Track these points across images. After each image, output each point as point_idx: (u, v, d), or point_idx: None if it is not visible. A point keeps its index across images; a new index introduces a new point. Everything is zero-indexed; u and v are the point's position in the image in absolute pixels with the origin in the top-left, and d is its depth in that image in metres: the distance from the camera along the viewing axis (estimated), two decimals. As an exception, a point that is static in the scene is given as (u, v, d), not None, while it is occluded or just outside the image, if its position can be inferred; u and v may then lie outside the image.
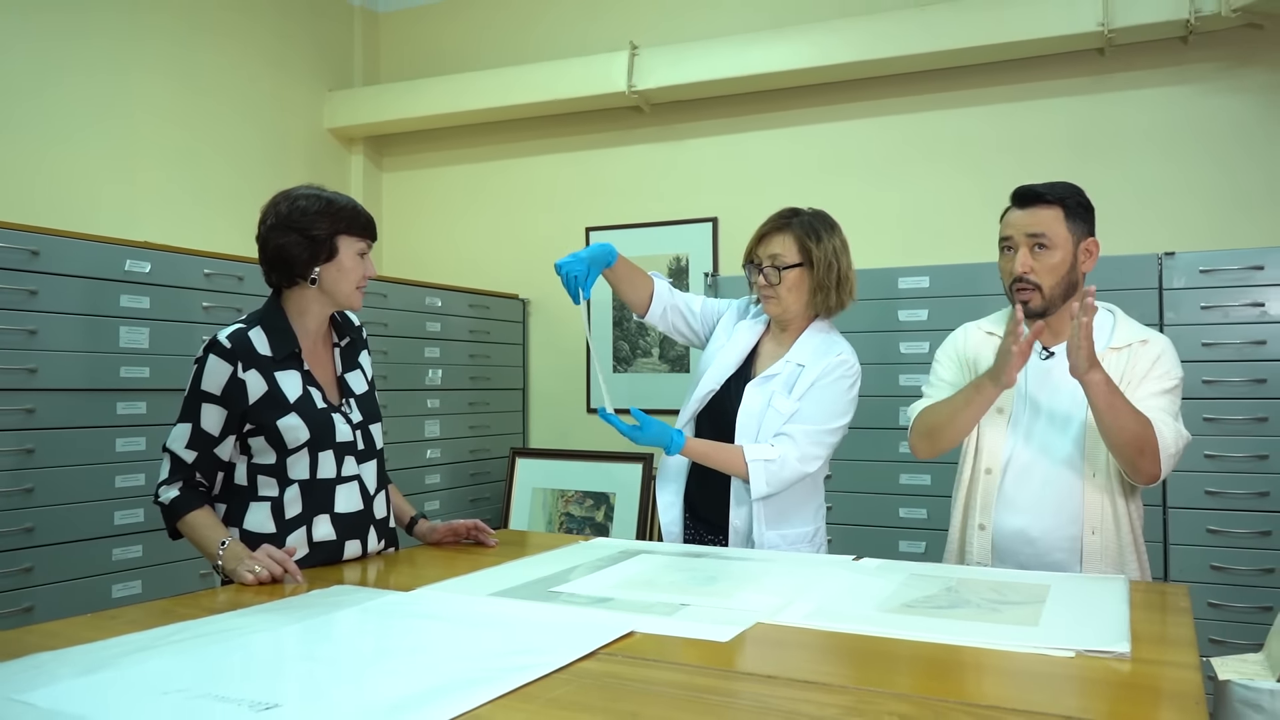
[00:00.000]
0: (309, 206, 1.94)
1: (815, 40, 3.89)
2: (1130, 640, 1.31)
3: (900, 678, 1.21)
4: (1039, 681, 1.19)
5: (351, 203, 2.00)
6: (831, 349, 2.26)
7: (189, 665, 1.22)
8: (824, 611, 1.51)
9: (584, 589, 1.67)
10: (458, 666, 1.21)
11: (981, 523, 2.07)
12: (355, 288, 2.00)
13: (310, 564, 1.92)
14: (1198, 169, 3.56)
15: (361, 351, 2.15)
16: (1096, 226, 2.07)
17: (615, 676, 1.19)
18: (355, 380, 2.09)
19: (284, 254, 1.94)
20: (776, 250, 2.23)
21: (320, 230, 1.93)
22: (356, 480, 2.00)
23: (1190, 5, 3.33)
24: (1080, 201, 2.05)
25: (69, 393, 2.70)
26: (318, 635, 1.39)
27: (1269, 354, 2.97)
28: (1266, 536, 2.94)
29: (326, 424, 1.95)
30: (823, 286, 2.24)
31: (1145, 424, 1.87)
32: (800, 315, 2.29)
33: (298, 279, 1.96)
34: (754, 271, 2.27)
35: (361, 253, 2.00)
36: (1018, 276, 2.01)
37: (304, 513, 1.93)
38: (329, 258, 1.95)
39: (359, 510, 2.00)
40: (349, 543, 1.99)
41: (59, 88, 3.62)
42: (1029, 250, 2.00)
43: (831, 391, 2.22)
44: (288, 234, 1.93)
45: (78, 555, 2.72)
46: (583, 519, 4.26)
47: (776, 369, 2.25)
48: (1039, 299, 2.00)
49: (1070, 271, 2.02)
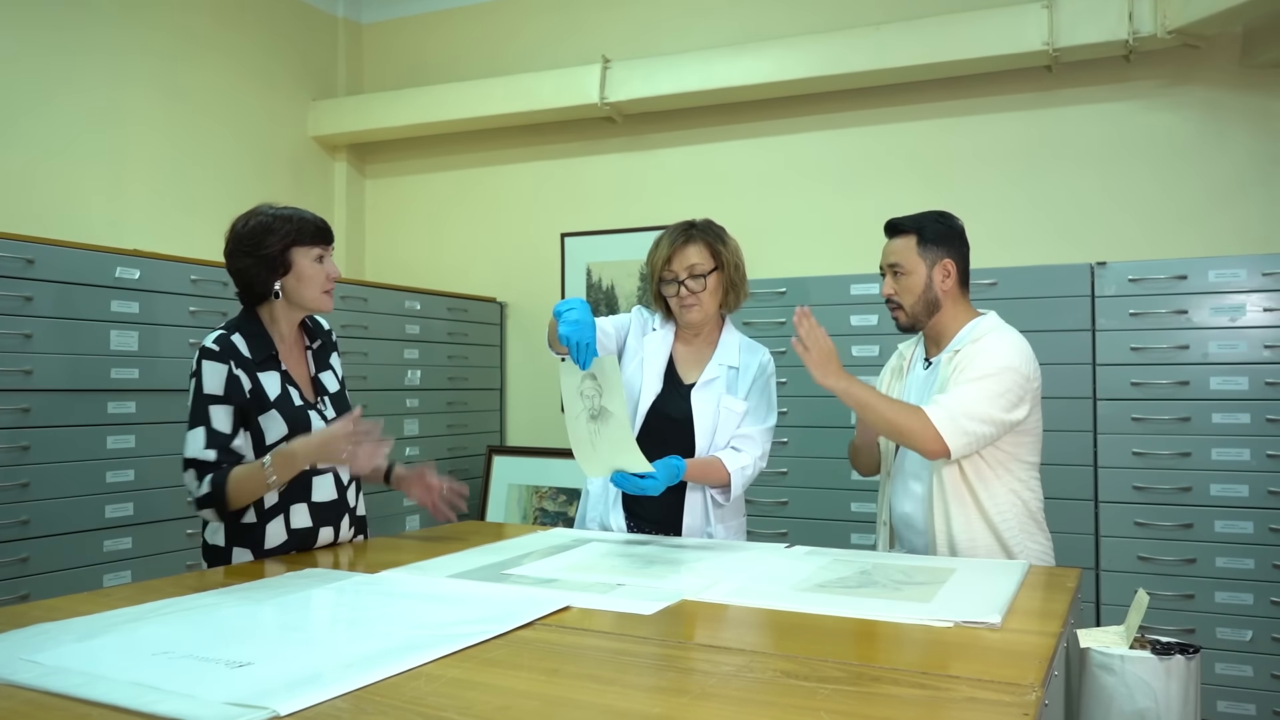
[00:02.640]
0: (258, 226, 2.08)
1: (778, 56, 4.07)
2: (1004, 613, 1.50)
3: (793, 643, 1.39)
4: (911, 646, 1.37)
5: (298, 213, 2.13)
6: (755, 350, 2.48)
7: (174, 633, 1.39)
8: (744, 590, 1.69)
9: (533, 572, 1.85)
10: (410, 633, 1.39)
11: (883, 519, 2.36)
12: (321, 292, 2.13)
13: (286, 549, 2.09)
14: (1135, 181, 3.75)
15: (332, 353, 2.31)
16: (1039, 235, 2.27)
17: (546, 642, 1.37)
18: (328, 379, 2.26)
19: (244, 277, 2.10)
20: (693, 260, 2.38)
21: (271, 248, 2.07)
22: (332, 471, 2.17)
23: (1129, 26, 3.52)
24: (938, 228, 2.27)
25: (62, 393, 2.86)
26: (289, 608, 1.56)
27: (1191, 358, 3.16)
28: (1189, 529, 3.13)
29: (303, 420, 2.11)
30: (732, 285, 2.44)
31: (909, 414, 2.08)
32: (713, 317, 2.47)
33: (264, 296, 2.12)
34: (673, 286, 2.40)
35: (319, 258, 2.12)
36: (885, 299, 2.31)
37: (281, 503, 2.08)
38: (285, 271, 2.09)
39: (334, 500, 2.17)
40: (323, 529, 2.15)
41: (54, 103, 3.79)
42: (891, 276, 2.28)
43: (767, 391, 2.46)
44: (243, 258, 2.09)
45: (71, 547, 2.87)
46: (556, 514, 4.43)
47: (713, 373, 2.43)
48: (904, 316, 2.29)
49: (927, 291, 2.25)
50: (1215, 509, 3.11)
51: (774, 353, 2.49)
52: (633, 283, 4.59)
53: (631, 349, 2.52)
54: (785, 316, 3.69)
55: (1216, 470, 3.12)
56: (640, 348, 2.50)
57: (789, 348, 2.13)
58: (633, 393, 2.44)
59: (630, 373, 2.47)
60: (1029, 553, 2.16)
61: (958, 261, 2.27)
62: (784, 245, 4.24)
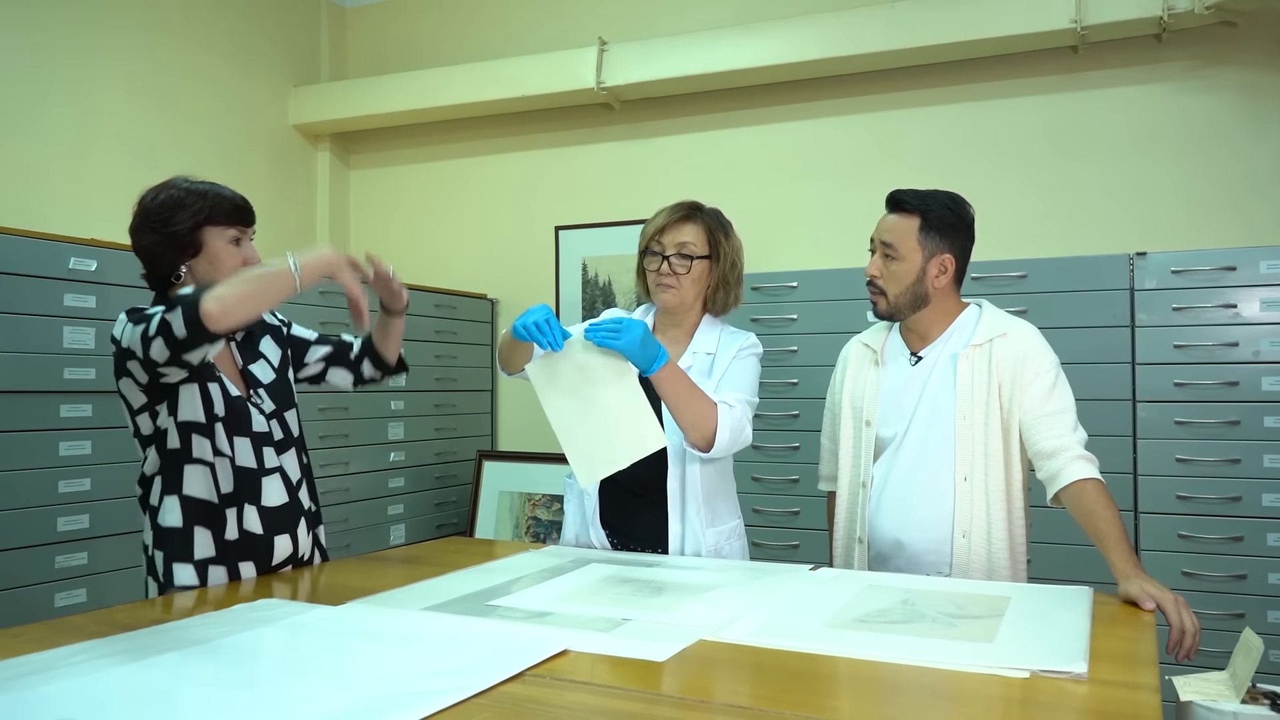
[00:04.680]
0: (168, 200, 1.86)
1: (785, 36, 3.83)
2: (1088, 659, 1.25)
3: (842, 702, 1.14)
4: (988, 706, 1.12)
5: (215, 189, 1.90)
6: (737, 335, 2.22)
7: (83, 692, 1.14)
8: (771, 627, 1.44)
9: (523, 603, 1.60)
10: (375, 688, 1.14)
11: (860, 536, 2.07)
12: None
13: (239, 558, 1.86)
14: (1170, 168, 3.52)
15: (262, 338, 2.05)
16: (1069, 225, 2.04)
17: (537, 701, 1.12)
18: (261, 370, 2.01)
19: (148, 255, 1.87)
20: (686, 239, 2.16)
21: (180, 225, 1.84)
22: (279, 472, 1.93)
23: (1164, 3, 3.29)
24: (946, 216, 2.01)
25: (10, 395, 2.62)
26: (233, 655, 1.31)
27: (1241, 356, 2.93)
28: (1238, 542, 2.89)
29: (240, 410, 1.88)
30: (725, 283, 2.20)
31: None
32: (693, 309, 2.22)
33: (170, 280, 1.88)
34: (656, 260, 2.17)
35: (234, 239, 1.90)
36: (868, 279, 2.05)
37: (236, 491, 1.85)
38: (195, 253, 1.86)
39: (285, 503, 1.93)
40: (278, 538, 1.91)
41: (19, 95, 3.53)
42: (881, 256, 2.03)
43: (747, 364, 2.17)
44: (149, 235, 1.86)
45: (20, 563, 2.63)
46: (550, 522, 4.18)
47: (686, 361, 2.18)
48: (884, 304, 2.04)
49: (917, 284, 2.01)
50: (1267, 521, 2.87)
51: (785, 351, 2.23)
52: (630, 278, 4.31)
53: None
54: (797, 312, 3.45)
55: (1268, 479, 2.87)
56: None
57: (802, 346, 1.89)
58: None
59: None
60: (1010, 573, 1.97)
61: (958, 257, 2.02)
62: (793, 237, 4.00)
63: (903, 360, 2.09)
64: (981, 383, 1.97)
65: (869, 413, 2.09)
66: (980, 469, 1.96)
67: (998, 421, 1.96)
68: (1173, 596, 1.61)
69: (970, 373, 1.97)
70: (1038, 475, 1.93)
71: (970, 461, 1.96)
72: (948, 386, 1.99)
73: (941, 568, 1.97)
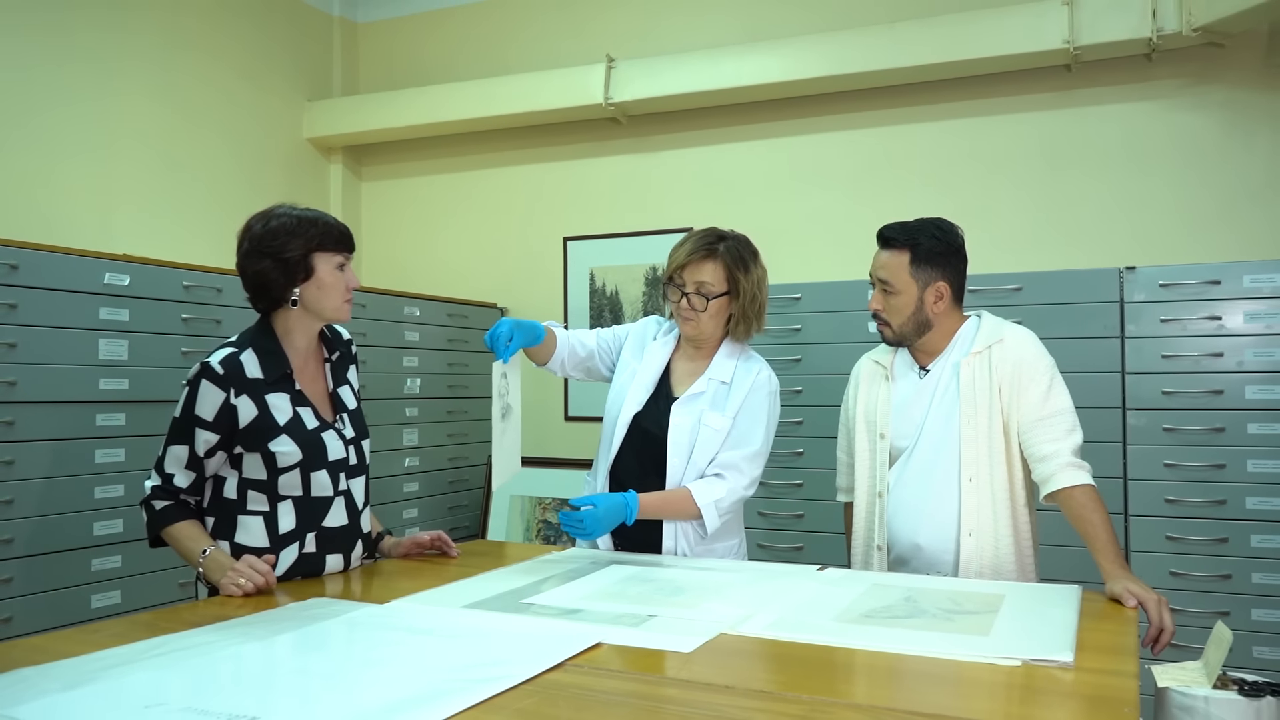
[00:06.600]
0: (280, 228, 1.95)
1: (789, 54, 3.96)
2: (1075, 650, 1.38)
3: (854, 687, 1.27)
4: (985, 690, 1.25)
5: (323, 217, 2.01)
6: (752, 362, 2.32)
7: (170, 679, 1.26)
8: (785, 622, 1.57)
9: (554, 600, 1.72)
10: (430, 678, 1.26)
11: (879, 544, 2.18)
12: (342, 301, 2.01)
13: (292, 576, 1.95)
14: (1160, 184, 3.64)
15: (350, 366, 2.17)
16: (1063, 239, 2.16)
17: (581, 688, 1.24)
18: (347, 395, 2.12)
19: (261, 280, 1.96)
20: (705, 278, 2.23)
21: (293, 251, 1.94)
22: (344, 496, 2.03)
23: (1153, 24, 3.41)
24: (935, 246, 2.12)
25: (49, 405, 2.71)
26: (295, 648, 1.43)
27: (1225, 366, 3.05)
28: (1224, 544, 3.01)
29: (318, 444, 1.98)
30: (745, 316, 2.28)
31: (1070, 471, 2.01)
32: (714, 337, 2.32)
33: (279, 302, 1.98)
34: (677, 293, 2.27)
35: (340, 265, 2.00)
36: (871, 313, 2.19)
37: (297, 529, 1.95)
38: (306, 277, 1.96)
39: (344, 525, 2.03)
40: (330, 557, 2.01)
41: (43, 108, 3.64)
42: (880, 292, 2.15)
43: (762, 411, 2.26)
44: (262, 260, 1.95)
45: (57, 566, 2.73)
46: (559, 526, 4.30)
47: (700, 387, 2.27)
48: (890, 333, 2.18)
49: (917, 313, 2.13)
50: (1251, 523, 2.99)
51: (789, 360, 2.35)
52: (638, 288, 4.47)
53: (625, 362, 2.40)
54: (800, 323, 3.57)
55: (1252, 483, 2.99)
56: (635, 359, 2.38)
57: (806, 355, 2.02)
58: (615, 405, 2.33)
59: (619, 384, 2.36)
60: (1016, 572, 2.08)
61: (953, 281, 2.13)
62: (795, 250, 4.11)
63: (912, 375, 2.20)
64: (983, 387, 2.08)
65: (882, 425, 2.20)
66: (984, 470, 2.07)
67: (1000, 424, 2.08)
68: (1156, 597, 1.74)
69: (972, 379, 2.09)
70: (1033, 477, 2.06)
71: (975, 463, 2.08)
72: (952, 393, 2.12)
73: (950, 567, 2.08)
